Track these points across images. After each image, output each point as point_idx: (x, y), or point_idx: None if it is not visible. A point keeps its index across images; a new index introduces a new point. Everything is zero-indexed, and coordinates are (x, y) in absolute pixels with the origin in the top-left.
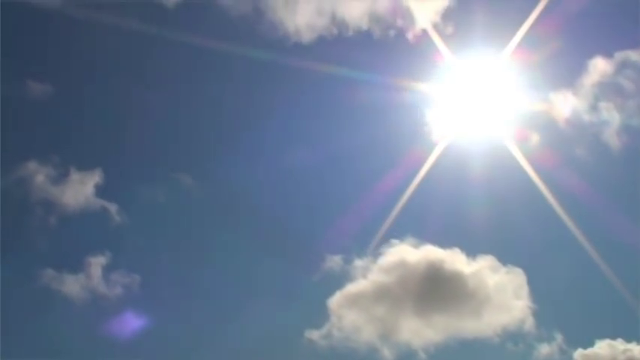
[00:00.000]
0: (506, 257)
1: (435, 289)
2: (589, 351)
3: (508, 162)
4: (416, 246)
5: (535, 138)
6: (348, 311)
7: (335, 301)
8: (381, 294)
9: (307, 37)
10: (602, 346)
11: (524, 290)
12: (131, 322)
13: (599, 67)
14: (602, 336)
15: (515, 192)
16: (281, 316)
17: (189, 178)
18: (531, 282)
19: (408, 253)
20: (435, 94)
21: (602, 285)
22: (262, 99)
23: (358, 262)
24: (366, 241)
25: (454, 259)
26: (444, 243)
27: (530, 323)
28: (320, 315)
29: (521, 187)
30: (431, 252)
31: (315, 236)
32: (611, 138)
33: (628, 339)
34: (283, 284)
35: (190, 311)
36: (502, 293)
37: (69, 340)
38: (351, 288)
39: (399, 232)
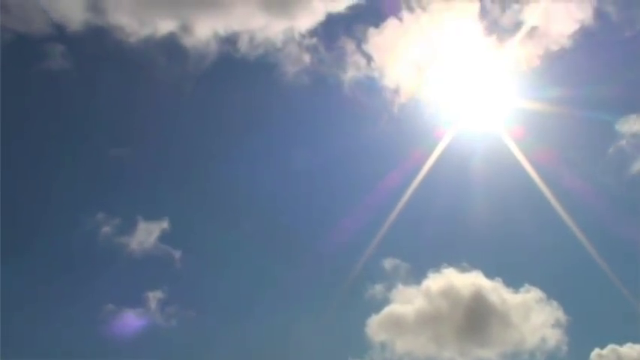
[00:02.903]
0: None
1: (474, 318)
2: (606, 350)
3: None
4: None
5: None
6: (389, 339)
7: (376, 328)
8: (423, 322)
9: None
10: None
11: (560, 318)
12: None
13: None
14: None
15: (519, 196)
16: (324, 344)
17: (248, 223)
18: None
19: (454, 279)
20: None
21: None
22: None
23: (400, 288)
24: (407, 266)
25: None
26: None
27: (564, 350)
28: (361, 343)
29: (522, 186)
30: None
31: (359, 263)
32: None
33: None
34: (327, 312)
35: (236, 340)
36: (537, 320)
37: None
38: (392, 315)
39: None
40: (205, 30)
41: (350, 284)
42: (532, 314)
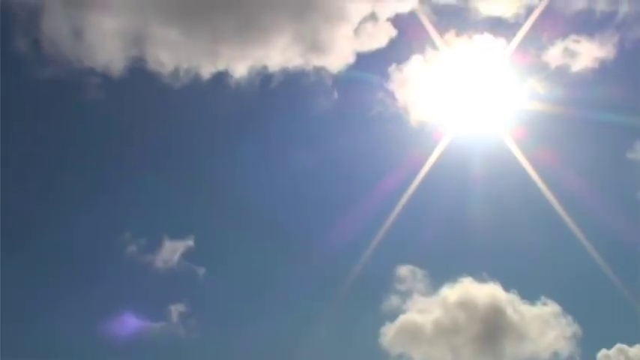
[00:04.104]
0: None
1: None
2: (612, 351)
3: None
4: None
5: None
6: (405, 349)
7: (391, 337)
8: (439, 333)
9: None
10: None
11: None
12: None
13: None
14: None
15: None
16: (338, 354)
17: (272, 241)
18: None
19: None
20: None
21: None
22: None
23: (416, 298)
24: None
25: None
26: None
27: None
28: (376, 352)
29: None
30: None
31: (376, 271)
32: None
33: None
34: (342, 323)
35: (251, 352)
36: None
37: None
38: (408, 324)
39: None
40: (244, 71)
41: (365, 292)
42: (547, 326)
